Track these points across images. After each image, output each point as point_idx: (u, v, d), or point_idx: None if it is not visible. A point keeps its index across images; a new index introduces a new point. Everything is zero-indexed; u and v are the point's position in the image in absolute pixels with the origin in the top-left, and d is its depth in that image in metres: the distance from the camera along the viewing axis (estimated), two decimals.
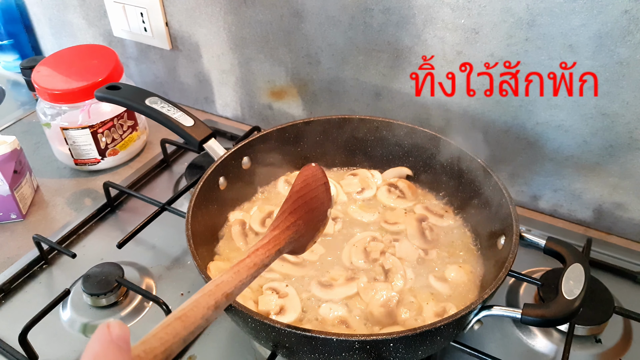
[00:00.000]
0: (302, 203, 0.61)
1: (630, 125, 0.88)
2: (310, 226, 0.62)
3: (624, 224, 0.99)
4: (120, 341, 0.38)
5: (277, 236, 0.57)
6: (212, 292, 0.48)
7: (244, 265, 0.52)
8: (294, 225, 0.59)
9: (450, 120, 1.04)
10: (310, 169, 0.62)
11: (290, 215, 0.59)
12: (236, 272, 0.51)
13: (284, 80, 1.20)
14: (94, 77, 1.12)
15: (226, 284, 0.49)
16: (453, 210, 0.94)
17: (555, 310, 0.62)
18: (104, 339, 0.37)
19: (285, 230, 0.58)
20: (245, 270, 0.52)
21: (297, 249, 0.62)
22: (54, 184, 1.18)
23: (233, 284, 0.50)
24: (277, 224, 0.59)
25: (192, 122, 0.92)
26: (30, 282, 0.94)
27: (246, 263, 0.53)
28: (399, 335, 0.59)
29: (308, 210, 0.61)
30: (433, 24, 0.94)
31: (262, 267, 0.54)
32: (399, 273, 0.80)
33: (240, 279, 0.51)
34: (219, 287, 0.49)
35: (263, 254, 0.55)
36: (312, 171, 0.62)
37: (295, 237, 0.59)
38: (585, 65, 0.85)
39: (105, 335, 0.37)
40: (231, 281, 0.50)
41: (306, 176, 0.62)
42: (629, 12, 0.78)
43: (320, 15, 1.05)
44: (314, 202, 0.62)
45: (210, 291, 0.48)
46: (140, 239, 0.99)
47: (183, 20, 1.25)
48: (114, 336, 0.38)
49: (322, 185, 0.63)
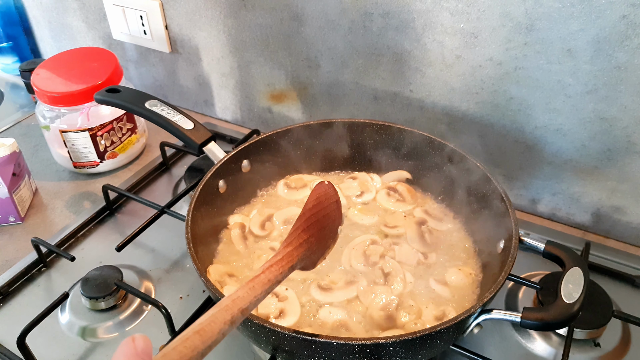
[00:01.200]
0: (314, 220, 0.61)
1: (628, 129, 0.88)
2: (321, 243, 0.63)
3: (622, 227, 0.99)
4: (145, 355, 0.38)
5: (290, 253, 0.58)
6: (228, 307, 0.48)
7: (258, 281, 0.53)
8: (306, 242, 0.59)
9: (449, 123, 1.04)
10: (322, 187, 0.63)
11: (303, 233, 0.60)
12: (251, 287, 0.52)
13: (284, 83, 1.20)
14: (94, 80, 1.12)
15: (242, 300, 0.50)
16: (452, 213, 0.94)
17: (554, 313, 0.62)
18: (130, 352, 0.38)
19: (298, 247, 0.59)
20: (260, 286, 0.52)
21: (307, 265, 0.63)
22: (52, 187, 1.18)
23: (248, 300, 0.50)
24: (290, 241, 0.60)
25: (192, 125, 0.92)
26: (28, 285, 0.94)
27: (261, 279, 0.53)
28: (399, 339, 0.59)
29: (320, 227, 0.62)
30: (432, 28, 0.95)
31: (275, 283, 0.55)
32: (399, 276, 0.80)
33: (255, 294, 0.51)
34: (235, 303, 0.49)
35: (277, 270, 0.55)
36: (324, 189, 0.63)
37: (308, 254, 0.60)
38: (583, 70, 0.86)
39: (131, 348, 0.38)
40: (247, 297, 0.50)
41: (319, 194, 0.63)
42: (627, 17, 0.78)
43: (320, 19, 1.05)
44: (326, 220, 0.63)
45: (226, 306, 0.48)
46: (139, 242, 0.99)
47: (183, 23, 1.25)
48: (139, 350, 0.38)
49: (334, 203, 0.64)
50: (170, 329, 0.82)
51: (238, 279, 0.82)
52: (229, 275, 0.81)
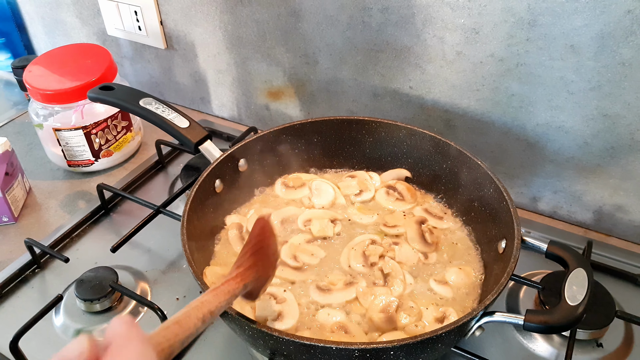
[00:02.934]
0: (259, 247, 0.66)
1: (632, 126, 0.87)
2: (265, 270, 0.66)
3: (624, 225, 0.98)
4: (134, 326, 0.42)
5: (242, 273, 0.62)
6: (198, 307, 0.54)
7: (220, 291, 0.58)
8: (255, 265, 0.64)
9: (449, 121, 1.03)
10: (262, 221, 0.68)
11: (251, 257, 0.64)
12: (215, 294, 0.57)
13: (282, 80, 1.19)
14: (87, 77, 1.10)
15: (209, 303, 0.55)
16: (453, 212, 0.93)
17: (558, 316, 0.61)
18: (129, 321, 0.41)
19: (249, 269, 0.63)
20: (222, 295, 0.57)
21: (254, 291, 0.66)
22: (46, 186, 1.16)
23: (214, 304, 0.55)
24: (241, 263, 0.64)
25: (188, 123, 0.90)
26: (22, 286, 0.92)
27: (222, 289, 0.58)
28: (399, 344, 0.58)
29: (264, 255, 0.66)
30: (432, 24, 0.93)
31: (233, 295, 0.59)
32: (399, 277, 0.79)
33: (219, 300, 0.56)
34: (204, 304, 0.54)
35: (234, 284, 0.60)
36: (265, 223, 0.68)
37: (256, 276, 0.64)
38: (587, 66, 0.84)
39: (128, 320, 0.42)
40: (213, 301, 0.56)
41: (262, 226, 0.67)
42: (632, 12, 0.77)
43: (318, 14, 1.04)
44: (268, 249, 0.67)
45: (197, 306, 0.53)
46: (135, 243, 0.97)
47: (178, 19, 1.23)
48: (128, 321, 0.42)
49: (273, 237, 0.68)
50: None
51: None
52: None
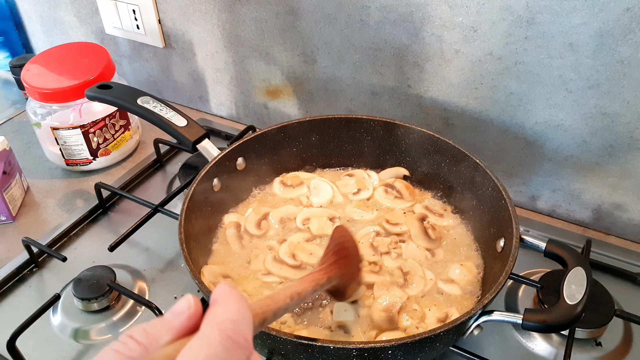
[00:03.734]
0: (340, 248, 0.69)
1: (630, 125, 0.87)
2: (349, 270, 0.70)
3: (623, 224, 0.98)
4: None
5: (326, 268, 0.65)
6: (287, 288, 0.56)
7: (305, 279, 0.60)
8: (337, 263, 0.66)
9: (448, 119, 1.03)
10: (342, 229, 0.72)
11: (332, 255, 0.67)
12: (301, 281, 0.59)
13: (280, 79, 1.18)
14: (85, 75, 1.09)
15: (295, 287, 0.57)
16: (452, 209, 0.93)
17: (557, 315, 0.61)
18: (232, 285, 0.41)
19: (331, 265, 0.66)
20: (307, 283, 0.60)
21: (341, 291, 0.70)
22: (44, 185, 1.16)
23: (301, 287, 0.57)
24: (324, 261, 0.67)
25: (185, 122, 0.90)
26: (20, 285, 0.92)
27: (307, 278, 0.61)
28: (397, 343, 0.58)
29: (346, 255, 0.69)
30: (431, 22, 0.93)
31: (318, 285, 0.61)
32: (418, 274, 0.79)
33: (304, 286, 0.58)
34: (290, 288, 0.56)
35: (319, 275, 0.62)
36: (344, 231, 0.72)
37: (339, 273, 0.66)
38: (585, 65, 0.84)
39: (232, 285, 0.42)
40: (299, 286, 0.58)
41: (341, 231, 0.72)
42: (631, 10, 0.77)
43: (316, 12, 1.03)
44: (350, 251, 0.71)
45: (284, 289, 0.55)
46: (133, 241, 0.97)
47: (176, 17, 1.23)
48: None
49: (354, 241, 0.72)
50: None
51: (233, 280, 0.80)
52: (223, 277, 0.79)
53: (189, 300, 0.39)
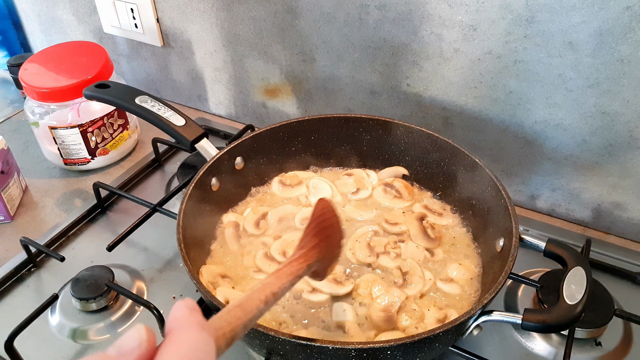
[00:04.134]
0: (321, 228, 0.65)
1: (630, 124, 0.86)
2: (329, 250, 0.66)
3: (622, 223, 0.98)
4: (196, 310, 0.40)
5: (306, 253, 0.61)
6: (260, 289, 0.52)
7: (282, 272, 0.56)
8: (317, 246, 0.63)
9: (447, 118, 1.02)
10: (324, 202, 0.68)
11: (313, 237, 0.63)
12: (277, 276, 0.55)
13: (278, 78, 1.18)
14: (83, 74, 1.09)
15: (271, 285, 0.53)
16: (451, 208, 0.92)
17: (556, 315, 0.61)
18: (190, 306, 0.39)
19: (312, 249, 0.62)
20: (284, 276, 0.56)
21: (319, 272, 0.66)
22: (43, 185, 1.15)
23: (277, 285, 0.54)
24: (304, 244, 0.63)
25: (184, 121, 0.90)
26: (18, 285, 0.92)
27: (284, 270, 0.57)
28: (396, 343, 0.57)
29: (326, 235, 0.65)
30: (430, 21, 0.93)
31: (296, 277, 0.57)
32: (417, 275, 0.78)
33: (281, 282, 0.54)
34: (266, 287, 0.52)
35: (297, 265, 0.58)
36: (326, 203, 0.68)
37: (320, 257, 0.63)
38: (585, 63, 0.84)
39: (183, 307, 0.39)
40: (275, 283, 0.54)
41: (322, 207, 0.67)
42: (631, 9, 0.76)
43: (315, 11, 1.03)
44: (331, 229, 0.67)
45: (259, 288, 0.52)
46: (131, 241, 0.97)
47: (175, 16, 1.22)
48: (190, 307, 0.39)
49: (335, 217, 0.68)
50: (163, 330, 0.80)
51: (232, 280, 0.80)
52: (222, 277, 0.79)
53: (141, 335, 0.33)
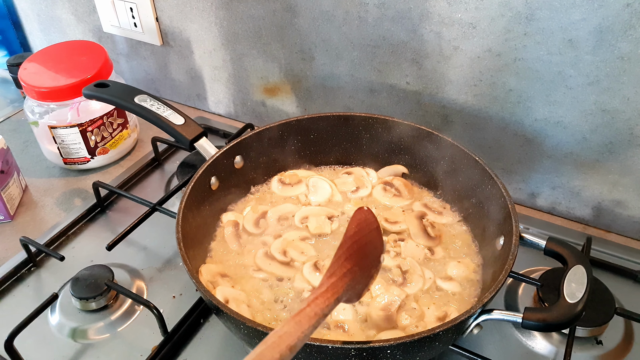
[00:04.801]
0: (356, 248, 0.59)
1: (630, 121, 0.86)
2: (365, 272, 0.59)
3: (623, 221, 0.98)
4: None
5: (335, 283, 0.54)
6: (275, 344, 0.45)
7: (304, 315, 0.50)
8: (350, 272, 0.56)
9: (446, 116, 1.02)
10: (362, 213, 0.61)
11: (346, 262, 0.57)
12: (297, 322, 0.49)
13: (278, 76, 1.18)
14: (83, 74, 1.09)
15: (289, 336, 0.47)
16: (451, 207, 0.92)
17: (557, 314, 0.60)
18: None
19: (342, 278, 0.55)
20: (306, 321, 0.49)
21: (352, 297, 0.59)
22: (42, 184, 1.15)
23: (296, 336, 0.47)
24: (334, 271, 0.56)
25: (183, 120, 0.89)
26: (18, 285, 0.92)
27: (307, 312, 0.50)
28: (396, 342, 0.57)
29: (363, 256, 0.59)
30: (429, 19, 0.92)
31: (322, 316, 0.51)
32: (417, 273, 0.78)
33: (302, 329, 0.48)
34: (282, 339, 0.46)
35: (322, 302, 0.52)
36: (364, 215, 0.61)
37: (352, 284, 0.56)
38: (585, 61, 0.83)
39: None
40: (294, 332, 0.47)
41: (359, 220, 0.60)
42: (631, 6, 0.76)
43: (314, 10, 1.03)
44: (368, 247, 0.60)
45: (273, 343, 0.45)
46: (131, 240, 0.97)
47: (174, 15, 1.22)
48: None
49: (374, 230, 0.61)
50: (163, 329, 0.80)
51: (231, 279, 0.80)
52: (221, 276, 0.79)
53: None
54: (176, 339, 0.81)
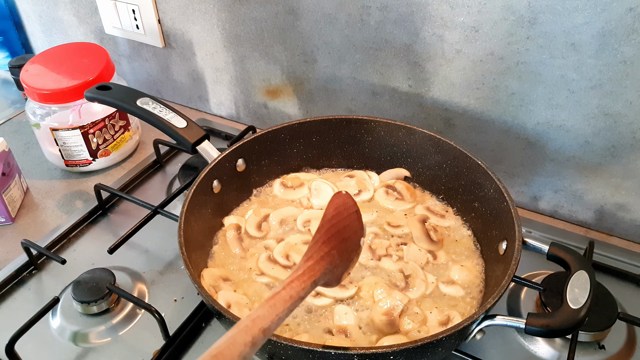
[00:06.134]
0: (334, 232, 0.58)
1: (633, 125, 0.86)
2: (344, 256, 0.59)
3: (626, 225, 0.97)
4: None
5: (312, 267, 0.54)
6: (248, 327, 0.45)
7: (279, 299, 0.49)
8: (328, 255, 0.56)
9: (449, 120, 1.02)
10: (340, 197, 0.60)
11: (323, 245, 0.56)
12: (272, 305, 0.48)
13: (280, 78, 1.18)
14: (85, 76, 1.09)
15: (262, 319, 0.46)
16: (453, 210, 0.92)
17: (560, 320, 0.60)
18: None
19: (320, 261, 0.55)
20: (281, 304, 0.49)
21: (331, 281, 0.59)
22: (44, 186, 1.15)
23: (270, 319, 0.47)
24: (311, 254, 0.56)
25: (185, 123, 0.89)
26: (19, 288, 0.92)
27: (282, 296, 0.50)
28: (399, 348, 0.57)
29: (341, 239, 0.58)
30: (432, 22, 0.92)
31: (298, 299, 0.51)
32: (420, 278, 0.78)
33: (276, 312, 0.48)
34: (255, 322, 0.46)
35: (298, 285, 0.52)
36: (342, 199, 0.60)
37: (330, 267, 0.56)
38: (588, 65, 0.83)
39: None
40: (267, 315, 0.47)
41: (337, 204, 0.60)
42: (634, 10, 0.76)
43: (316, 12, 1.02)
44: (347, 231, 0.60)
45: (246, 327, 0.45)
46: (132, 243, 0.96)
47: (176, 17, 1.22)
48: None
49: (353, 214, 0.61)
50: (164, 333, 0.80)
51: (233, 283, 0.79)
52: (223, 280, 0.78)
53: None
54: (177, 343, 0.81)
